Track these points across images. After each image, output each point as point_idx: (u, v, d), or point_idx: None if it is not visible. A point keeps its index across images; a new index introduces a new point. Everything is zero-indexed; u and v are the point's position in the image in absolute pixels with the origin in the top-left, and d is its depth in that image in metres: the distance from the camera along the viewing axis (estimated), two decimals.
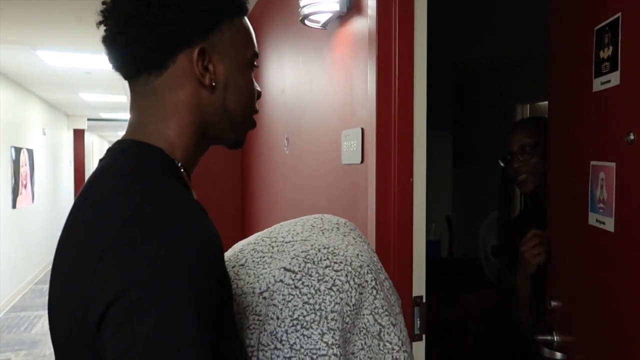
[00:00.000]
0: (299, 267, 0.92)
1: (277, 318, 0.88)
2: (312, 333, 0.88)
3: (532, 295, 1.47)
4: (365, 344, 0.94)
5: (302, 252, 0.95)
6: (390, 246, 1.37)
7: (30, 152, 6.66)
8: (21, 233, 6.31)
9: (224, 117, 0.78)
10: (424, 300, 1.40)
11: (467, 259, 3.01)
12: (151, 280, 0.59)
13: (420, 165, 1.38)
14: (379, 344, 0.95)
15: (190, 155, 0.77)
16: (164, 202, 0.66)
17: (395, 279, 1.36)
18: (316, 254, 0.95)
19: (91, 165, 12.10)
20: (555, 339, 1.24)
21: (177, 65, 0.73)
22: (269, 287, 0.90)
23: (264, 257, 0.96)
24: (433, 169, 1.40)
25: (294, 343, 0.87)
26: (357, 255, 1.00)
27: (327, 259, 0.95)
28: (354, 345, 0.94)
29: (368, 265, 1.00)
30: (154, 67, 0.73)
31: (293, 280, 0.91)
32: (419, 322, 1.38)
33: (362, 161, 1.47)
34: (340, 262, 0.95)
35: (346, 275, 0.94)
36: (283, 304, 0.89)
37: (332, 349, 0.88)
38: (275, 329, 0.87)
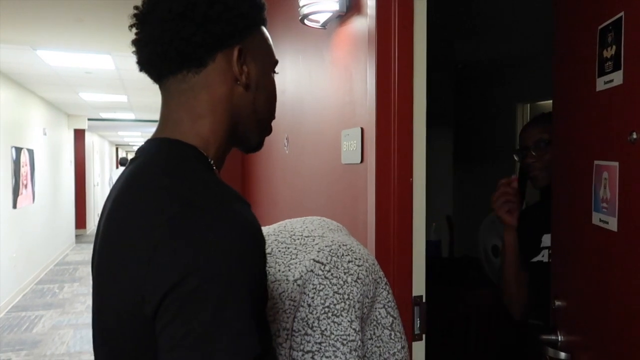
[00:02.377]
0: (327, 260, 0.98)
1: (309, 305, 0.93)
2: (342, 320, 0.93)
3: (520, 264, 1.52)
4: (374, 334, 1.00)
5: (325, 246, 1.00)
6: (390, 246, 1.37)
7: (30, 152, 6.66)
8: (22, 233, 6.31)
9: (253, 116, 0.82)
10: (424, 300, 1.39)
11: (468, 259, 3.00)
12: (207, 269, 0.61)
13: (420, 165, 1.38)
14: (390, 334, 1.02)
15: (221, 154, 0.81)
16: (212, 195, 0.68)
17: (395, 279, 1.35)
18: (338, 249, 1.00)
19: (92, 165, 12.10)
20: (560, 339, 1.24)
21: (216, 64, 0.77)
22: (302, 276, 0.95)
23: (288, 248, 1.01)
24: (434, 169, 1.39)
25: (325, 329, 0.92)
26: (368, 253, 1.07)
27: (348, 254, 1.01)
28: (364, 334, 1.01)
29: (377, 264, 1.08)
30: (195, 64, 0.76)
31: (323, 271, 0.96)
32: (418, 322, 1.38)
33: (362, 161, 1.46)
34: (359, 259, 1.02)
35: (366, 270, 1.01)
36: (314, 293, 0.94)
37: (359, 334, 0.95)
38: (307, 315, 0.92)
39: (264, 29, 0.84)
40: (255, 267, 0.66)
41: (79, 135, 10.52)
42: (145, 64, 0.79)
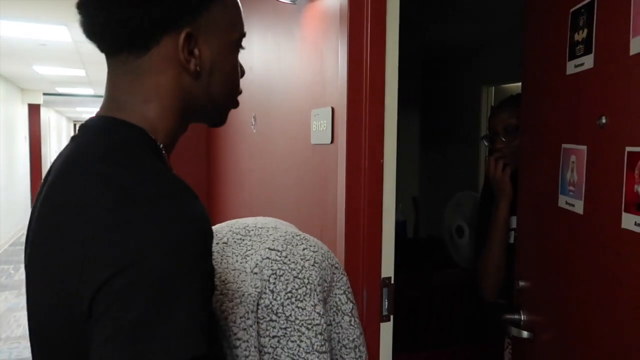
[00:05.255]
0: (282, 247, 0.97)
1: (272, 292, 0.92)
2: (305, 305, 0.93)
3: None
4: (334, 320, 1.00)
5: (279, 236, 1.00)
6: (360, 227, 1.36)
7: None
8: None
9: (208, 101, 0.75)
10: (393, 282, 1.39)
11: (432, 239, 3.05)
12: (142, 265, 0.56)
13: (390, 146, 1.36)
14: (350, 320, 1.01)
15: (172, 137, 0.74)
16: (153, 185, 0.62)
17: (364, 261, 1.34)
18: (292, 239, 1.00)
19: (48, 141, 11.65)
20: (523, 318, 1.26)
21: (161, 48, 0.68)
22: (257, 264, 0.94)
23: (243, 239, 0.99)
24: (400, 149, 1.38)
25: (290, 315, 0.92)
26: (322, 243, 1.08)
27: (302, 243, 1.01)
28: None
29: (332, 252, 1.09)
30: (135, 48, 0.68)
31: (280, 257, 0.96)
32: (387, 303, 1.38)
33: (332, 141, 1.44)
34: (314, 246, 1.02)
35: (322, 256, 1.01)
36: (275, 278, 0.93)
37: (323, 317, 0.95)
38: (270, 302, 0.91)
39: None
40: (198, 262, 0.60)
41: (34, 110, 10.07)
42: (86, 35, 0.71)
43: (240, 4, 0.77)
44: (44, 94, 9.47)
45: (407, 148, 3.71)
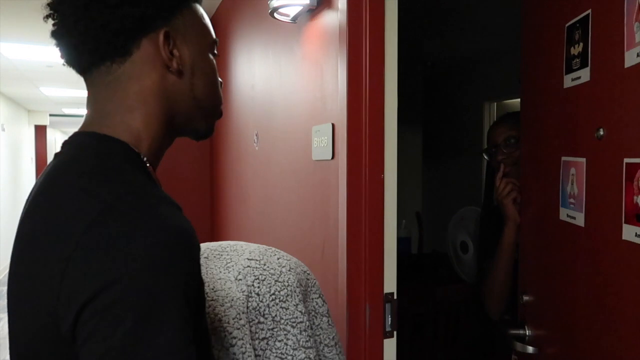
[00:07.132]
0: (259, 257, 1.05)
1: (257, 294, 0.98)
2: (288, 305, 1.00)
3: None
4: (314, 323, 1.07)
5: (254, 249, 1.08)
6: (361, 243, 1.36)
7: None
8: None
9: (192, 104, 0.75)
10: (395, 297, 1.39)
11: (437, 255, 3.03)
12: (127, 281, 0.55)
13: (391, 161, 1.37)
14: (328, 321, 1.08)
15: (156, 149, 0.73)
16: (135, 199, 0.61)
17: (366, 276, 1.34)
18: (266, 251, 1.08)
19: None
20: (527, 333, 1.25)
21: (142, 51, 0.70)
22: (240, 272, 1.00)
23: (222, 254, 1.05)
24: (403, 165, 1.39)
25: (275, 315, 0.98)
26: (291, 255, 1.14)
27: (276, 254, 1.08)
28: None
29: (301, 261, 1.15)
30: (117, 54, 0.69)
31: (259, 264, 1.03)
32: (390, 319, 1.37)
33: (333, 157, 1.44)
34: (286, 256, 1.10)
35: (295, 263, 1.08)
36: (259, 282, 0.99)
37: (305, 316, 1.01)
38: (258, 304, 0.97)
39: (197, 6, 0.77)
40: (184, 274, 0.59)
41: (40, 131, 10.18)
42: (66, 58, 0.73)
43: (206, 15, 0.80)
44: (51, 115, 9.57)
45: (410, 164, 3.71)
